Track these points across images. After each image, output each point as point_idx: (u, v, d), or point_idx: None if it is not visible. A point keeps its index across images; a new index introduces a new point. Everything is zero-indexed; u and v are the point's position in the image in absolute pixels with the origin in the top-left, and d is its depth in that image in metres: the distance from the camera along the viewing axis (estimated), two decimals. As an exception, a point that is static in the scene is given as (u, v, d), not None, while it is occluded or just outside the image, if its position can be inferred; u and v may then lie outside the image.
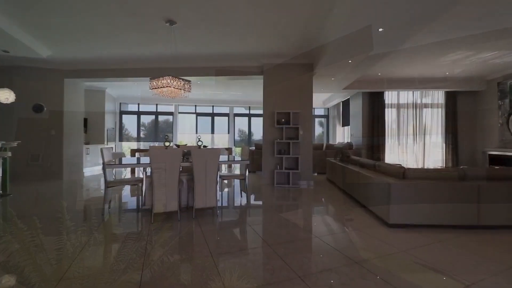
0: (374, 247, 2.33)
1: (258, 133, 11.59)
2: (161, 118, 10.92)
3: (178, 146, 7.60)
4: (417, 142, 7.71)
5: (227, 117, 11.40)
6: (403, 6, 2.70)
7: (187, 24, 3.90)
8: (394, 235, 2.61)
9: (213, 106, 11.22)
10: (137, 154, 6.64)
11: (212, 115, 11.25)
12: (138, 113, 10.54)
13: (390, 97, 7.71)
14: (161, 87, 3.82)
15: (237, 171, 6.34)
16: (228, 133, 11.39)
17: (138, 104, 10.51)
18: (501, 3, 3.18)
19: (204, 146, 3.94)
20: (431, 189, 2.80)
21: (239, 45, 4.71)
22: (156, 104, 10.66)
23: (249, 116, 11.46)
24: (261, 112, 11.55)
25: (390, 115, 7.72)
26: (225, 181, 5.29)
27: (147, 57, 5.40)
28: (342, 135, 10.51)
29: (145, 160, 3.57)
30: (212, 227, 2.87)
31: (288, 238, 2.53)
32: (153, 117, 10.74)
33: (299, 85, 5.44)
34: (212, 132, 11.24)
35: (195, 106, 11.06)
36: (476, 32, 4.06)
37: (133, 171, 6.72)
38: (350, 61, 4.54)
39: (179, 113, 11.00)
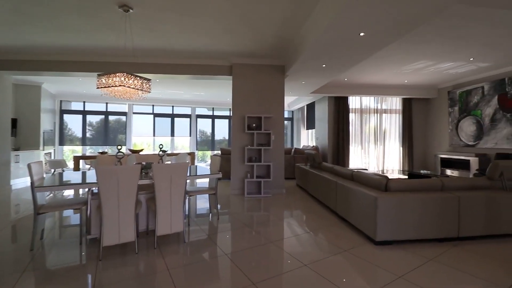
0: (369, 273, 2.09)
1: (221, 135, 11.07)
2: (112, 117, 9.70)
3: (133, 151, 6.74)
4: (377, 146, 8.03)
5: (188, 119, 10.65)
6: (390, 10, 2.54)
7: (146, 12, 3.28)
8: (384, 255, 2.42)
9: (173, 107, 10.38)
10: (82, 163, 5.64)
11: (172, 116, 10.40)
12: (84, 113, 9.20)
13: (353, 102, 7.89)
14: (112, 86, 3.14)
15: (202, 182, 5.80)
16: (190, 135, 10.66)
17: (84, 102, 9.18)
18: (460, 17, 3.27)
19: (164, 151, 3.36)
20: (415, 201, 2.70)
21: (207, 41, 4.20)
22: (106, 103, 9.43)
23: (213, 117, 10.88)
24: (225, 113, 11.08)
25: (354, 119, 7.90)
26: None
27: (94, 48, 4.55)
28: (307, 138, 10.59)
29: (92, 173, 2.87)
30: (179, 258, 2.36)
31: (272, 269, 2.16)
32: (102, 116, 9.48)
33: (271, 88, 5.13)
34: (172, 134, 10.39)
35: (153, 106, 10.10)
36: (438, 44, 4.21)
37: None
38: (324, 65, 4.37)
39: (134, 113, 9.92)
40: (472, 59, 5.03)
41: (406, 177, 6.98)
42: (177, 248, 2.55)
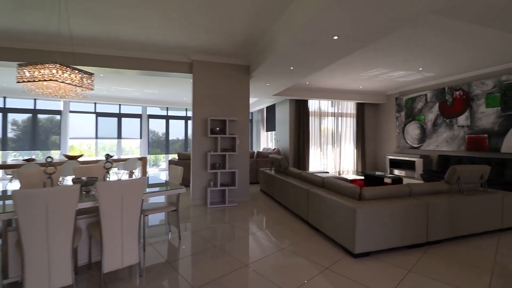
0: (357, 296, 1.93)
1: (174, 136, 10.31)
2: (42, 115, 8.20)
3: (69, 157, 5.68)
4: (334, 148, 8.32)
5: (139, 119, 9.64)
6: (367, 16, 2.45)
7: (86, -10, 2.65)
8: (366, 270, 2.30)
9: (120, 105, 9.26)
10: (1, 173, 4.51)
11: (119, 115, 9.28)
12: (4, 110, 7.57)
13: (313, 105, 8.03)
14: (40, 80, 2.45)
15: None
16: (141, 137, 9.67)
17: (4, 98, 7.56)
18: (418, 29, 3.44)
19: (109, 156, 2.76)
20: (391, 210, 2.66)
21: (165, 32, 3.67)
22: (35, 99, 7.93)
23: (167, 118, 10.04)
24: (181, 113, 10.33)
25: (313, 122, 8.04)
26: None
27: (17, 32, 3.62)
28: (266, 141, 10.51)
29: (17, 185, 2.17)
30: (135, 300, 1.88)
31: (254, 303, 1.84)
32: (30, 114, 7.93)
33: (235, 89, 4.79)
34: (119, 136, 9.28)
35: (95, 104, 8.86)
36: (395, 53, 4.41)
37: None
38: (292, 68, 4.21)
39: (71, 112, 8.55)
40: (421, 69, 5.46)
41: (362, 177, 7.35)
42: (131, 285, 2.05)
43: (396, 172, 7.61)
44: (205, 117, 4.57)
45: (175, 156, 9.46)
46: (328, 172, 6.27)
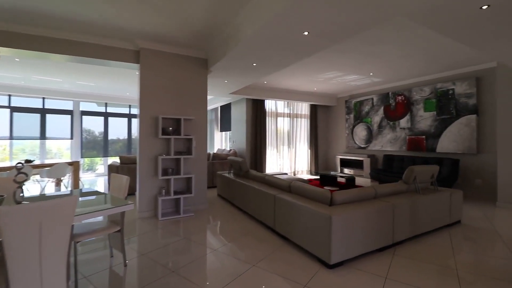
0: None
1: (115, 135, 9.12)
2: None
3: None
4: (290, 149, 8.37)
5: (69, 116, 8.20)
6: (341, 11, 2.30)
7: None
8: (344, 282, 2.14)
9: (44, 99, 7.72)
10: None
11: (43, 111, 7.74)
12: None
13: (269, 105, 7.92)
14: None
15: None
16: (72, 138, 8.23)
17: None
18: (376, 34, 3.53)
19: (27, 162, 2.05)
20: (362, 214, 2.58)
21: (104, 9, 2.99)
22: None
23: (106, 115, 8.78)
24: (123, 110, 9.13)
25: (270, 123, 7.93)
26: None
27: None
28: (221, 141, 10.07)
29: None
30: None
31: None
32: None
33: (192, 84, 4.27)
34: (43, 136, 7.73)
35: (9, 96, 7.19)
36: (352, 56, 4.51)
37: None
38: (255, 64, 3.92)
39: (-27, 105, 6.76)
40: (371, 74, 5.76)
41: (317, 177, 7.52)
42: None
43: (346, 171, 8.02)
44: (156, 115, 3.96)
45: (117, 159, 8.31)
46: (286, 173, 6.20)
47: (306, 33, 2.78)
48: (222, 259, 2.58)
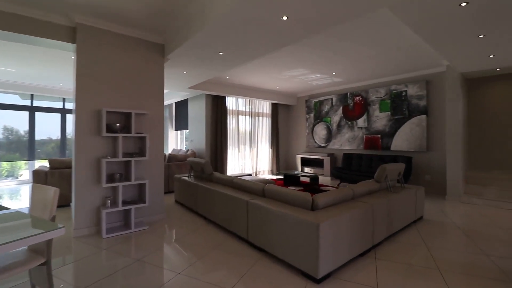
0: None
1: (45, 135, 7.66)
2: None
3: None
4: (252, 148, 8.07)
5: (-21, 110, 6.53)
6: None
7: None
8: (337, 300, 1.88)
9: None
10: None
11: None
12: None
13: (230, 103, 7.49)
14: None
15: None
16: (-17, 137, 6.57)
17: None
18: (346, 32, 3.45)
19: None
20: (348, 218, 2.37)
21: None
22: None
23: (32, 109, 7.26)
24: (56, 104, 7.64)
25: (231, 121, 7.51)
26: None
27: None
28: (176, 141, 9.27)
29: None
30: None
31: None
32: None
33: (145, 73, 3.61)
34: None
35: None
36: (319, 54, 4.40)
37: None
38: (221, 54, 3.47)
39: None
40: (334, 73, 5.79)
41: (281, 177, 7.37)
42: None
43: (307, 170, 8.06)
44: (98, 108, 3.22)
45: (47, 163, 6.91)
46: (251, 174, 5.87)
47: (285, 17, 2.46)
48: (190, 285, 2.09)
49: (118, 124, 3.21)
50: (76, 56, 3.15)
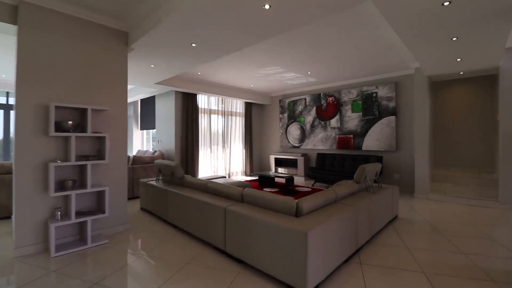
0: None
1: (-12, 138, 6.60)
2: None
3: None
4: (225, 149, 7.76)
5: None
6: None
7: None
8: (329, 317, 1.70)
9: None
10: None
11: None
12: None
13: (202, 101, 7.10)
14: None
15: None
16: None
17: None
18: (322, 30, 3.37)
19: None
20: (334, 222, 2.22)
21: None
22: None
23: (-36, 105, 6.17)
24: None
25: (203, 120, 7.12)
26: None
27: None
28: (141, 141, 8.61)
29: None
30: None
31: None
32: None
33: (105, 63, 3.14)
34: None
35: None
36: (297, 51, 4.28)
37: None
38: (194, 45, 3.15)
39: None
40: (309, 73, 5.74)
41: (255, 178, 7.17)
42: None
43: (280, 170, 7.97)
44: (44, 103, 2.71)
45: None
46: (225, 177, 5.57)
47: (267, 6, 2.25)
48: (160, 310, 1.77)
49: (70, 122, 2.73)
50: (17, 40, 2.61)
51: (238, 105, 8.14)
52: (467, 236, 3.05)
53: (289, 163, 7.77)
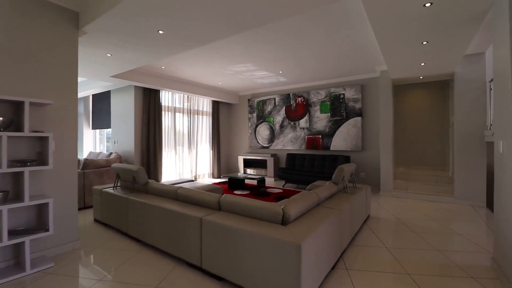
0: None
1: None
2: None
3: None
4: (191, 150, 7.29)
5: None
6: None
7: None
8: (327, 338, 1.53)
9: None
10: None
11: None
12: None
13: (166, 98, 6.55)
14: None
15: None
16: None
17: None
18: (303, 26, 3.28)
19: None
20: (325, 228, 2.07)
21: None
22: None
23: None
24: None
25: (167, 119, 6.57)
26: None
27: None
28: (93, 142, 7.68)
29: None
30: None
31: None
32: None
33: (49, 46, 2.57)
34: None
35: None
36: (273, 47, 4.12)
37: None
38: (161, 32, 2.76)
39: None
40: (281, 72, 5.63)
41: (223, 180, 6.84)
42: None
43: (249, 171, 7.78)
44: (-39, 94, 2.09)
45: None
46: (192, 180, 5.15)
47: (249, -9, 2.01)
48: None
49: (0, 118, 2.15)
50: None
51: (205, 104, 7.72)
52: (436, 232, 3.19)
53: (258, 164, 7.61)
